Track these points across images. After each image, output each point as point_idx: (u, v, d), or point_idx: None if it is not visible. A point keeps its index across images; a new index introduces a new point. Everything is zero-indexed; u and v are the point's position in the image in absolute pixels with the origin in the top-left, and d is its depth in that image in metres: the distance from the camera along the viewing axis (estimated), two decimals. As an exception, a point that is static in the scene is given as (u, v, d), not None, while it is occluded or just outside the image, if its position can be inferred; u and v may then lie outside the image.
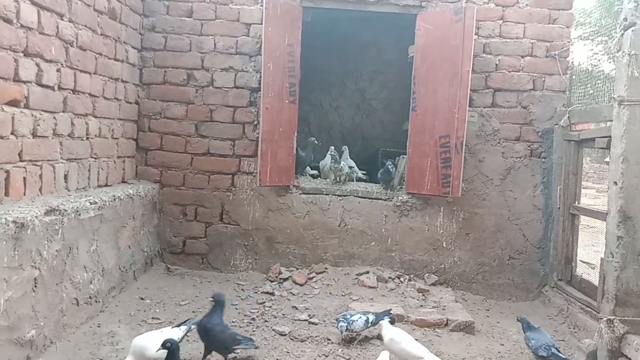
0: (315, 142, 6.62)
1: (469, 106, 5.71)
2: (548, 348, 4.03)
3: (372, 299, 5.28)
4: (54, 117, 4.27)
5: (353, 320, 4.30)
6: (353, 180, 6.35)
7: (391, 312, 4.52)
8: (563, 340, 4.80)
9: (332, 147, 6.24)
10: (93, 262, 4.49)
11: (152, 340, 3.53)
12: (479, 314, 5.40)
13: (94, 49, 4.82)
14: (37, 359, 3.61)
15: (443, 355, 4.31)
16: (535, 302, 5.81)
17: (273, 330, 4.55)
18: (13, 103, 3.76)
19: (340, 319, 4.37)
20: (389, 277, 5.73)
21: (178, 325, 3.90)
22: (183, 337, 3.83)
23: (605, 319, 4.16)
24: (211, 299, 3.96)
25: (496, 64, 5.90)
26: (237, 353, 3.95)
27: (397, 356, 3.83)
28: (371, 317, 4.36)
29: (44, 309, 3.70)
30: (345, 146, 6.76)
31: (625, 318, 4.11)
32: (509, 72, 5.89)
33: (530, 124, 5.89)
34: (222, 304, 3.93)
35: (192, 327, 3.91)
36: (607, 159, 5.23)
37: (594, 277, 5.41)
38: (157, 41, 5.93)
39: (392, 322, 4.29)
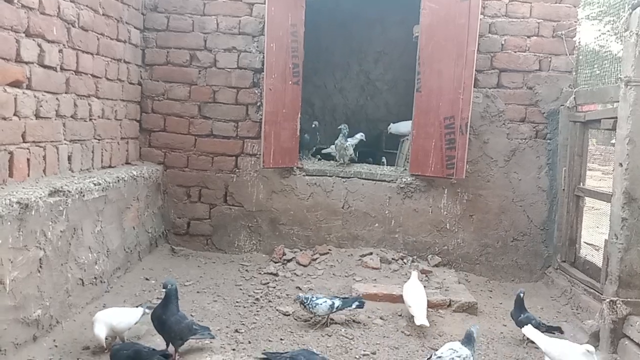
0: (316, 125, 6.55)
1: (474, 87, 5.66)
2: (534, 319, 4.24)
3: (375, 280, 5.31)
4: (57, 98, 4.27)
5: (316, 304, 4.25)
6: (354, 161, 6.31)
7: (362, 299, 4.50)
8: (566, 321, 4.82)
9: (345, 125, 6.20)
10: (98, 243, 4.51)
11: (120, 314, 3.70)
12: (482, 295, 5.42)
13: (95, 30, 4.79)
14: (43, 338, 3.65)
15: (446, 335, 4.34)
16: (539, 283, 5.83)
17: (277, 310, 4.59)
18: (15, 84, 3.76)
19: (299, 300, 4.35)
20: (393, 259, 5.74)
21: (138, 307, 3.93)
22: (139, 319, 3.82)
23: (608, 300, 4.17)
24: (162, 288, 3.71)
25: (502, 44, 5.82)
26: (193, 344, 3.83)
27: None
28: (337, 302, 4.30)
29: (49, 289, 3.74)
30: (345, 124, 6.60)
31: (628, 299, 4.12)
32: (515, 52, 5.81)
33: (535, 105, 5.84)
34: (173, 292, 3.67)
35: (147, 311, 3.84)
36: (613, 141, 5.19)
37: (597, 259, 5.41)
38: (160, 21, 5.88)
39: (361, 306, 4.38)
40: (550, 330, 4.32)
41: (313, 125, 6.47)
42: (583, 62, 5.71)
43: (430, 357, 3.47)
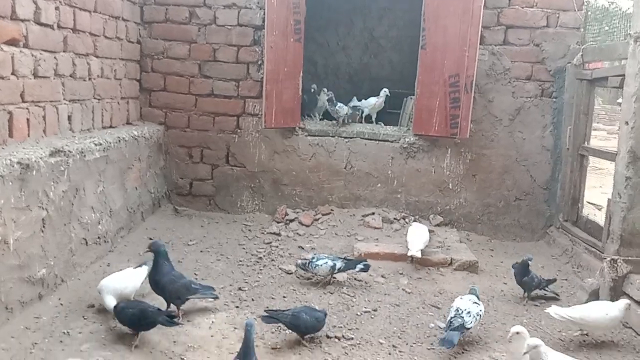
0: (315, 88, 6.43)
1: (480, 44, 5.54)
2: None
3: (377, 239, 5.34)
4: (55, 57, 4.20)
5: (317, 265, 4.27)
6: (356, 121, 6.27)
7: (366, 261, 4.45)
8: (566, 279, 4.86)
9: (325, 89, 6.15)
10: (100, 203, 4.53)
11: (124, 279, 3.64)
12: (483, 254, 5.45)
13: (92, -15, 4.68)
14: (48, 297, 3.70)
15: (446, 293, 4.39)
16: (540, 242, 5.85)
17: (280, 269, 4.63)
18: (12, 42, 3.69)
19: (301, 263, 4.37)
20: (394, 218, 5.76)
21: (140, 266, 3.88)
22: (145, 278, 3.79)
23: (609, 258, 4.19)
24: (147, 250, 3.72)
25: (509, 0, 5.67)
26: (197, 302, 3.84)
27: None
28: (339, 264, 4.31)
29: (53, 248, 3.77)
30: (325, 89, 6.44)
31: (629, 258, 4.15)
32: (522, 7, 5.66)
33: (542, 62, 5.72)
34: (162, 253, 3.66)
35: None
36: (620, 100, 5.11)
37: (599, 218, 5.42)
38: (158, -23, 5.74)
39: (365, 270, 4.37)
40: (549, 283, 4.39)
41: (312, 90, 6.36)
42: (591, 18, 5.58)
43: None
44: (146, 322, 3.28)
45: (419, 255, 4.60)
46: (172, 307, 3.64)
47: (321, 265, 4.29)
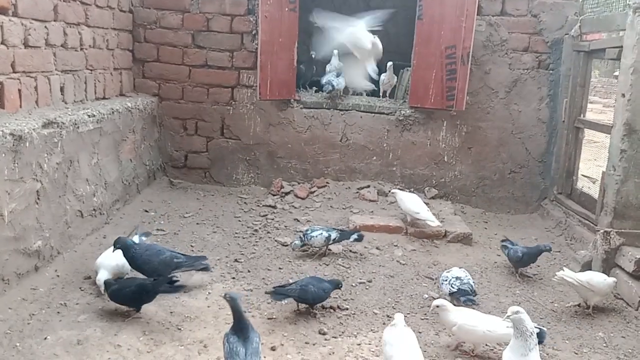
0: (314, 55, 6.39)
1: (477, 14, 5.48)
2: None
3: (372, 212, 5.36)
4: (45, 27, 4.12)
5: (312, 237, 4.30)
6: (356, 94, 6.21)
7: (360, 232, 4.56)
8: (559, 251, 4.91)
9: (336, 51, 6.03)
10: (95, 175, 4.50)
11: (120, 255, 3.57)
12: (477, 226, 5.49)
13: (81, -48, 4.56)
14: (45, 269, 3.71)
15: (440, 264, 4.43)
16: (534, 215, 5.89)
17: (275, 241, 4.66)
18: (1, 11, 3.62)
19: (297, 236, 4.41)
20: (390, 191, 5.77)
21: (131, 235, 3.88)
22: None
23: (602, 231, 4.23)
24: (115, 248, 3.52)
25: (507, -31, 5.59)
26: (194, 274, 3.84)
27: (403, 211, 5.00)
28: (334, 235, 4.35)
29: (48, 220, 3.76)
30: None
31: (622, 230, 4.18)
32: (521, -23, 5.59)
33: (539, 33, 5.67)
34: (127, 247, 3.51)
35: (144, 238, 3.86)
36: (616, 73, 5.08)
37: (593, 191, 5.45)
38: (149, -56, 5.60)
39: (359, 240, 4.45)
40: (531, 251, 4.33)
41: (312, 55, 6.29)
42: (591, -12, 5.50)
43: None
44: (147, 295, 3.28)
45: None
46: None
47: (316, 236, 4.31)
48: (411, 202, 4.94)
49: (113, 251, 3.52)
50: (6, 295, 3.31)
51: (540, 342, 3.28)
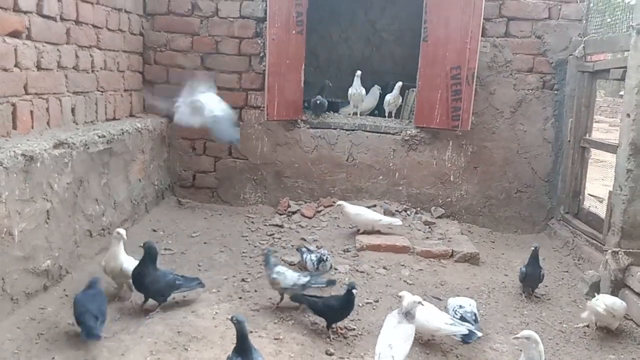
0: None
1: (482, 36, 5.54)
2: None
3: (378, 231, 5.35)
4: (58, 49, 4.21)
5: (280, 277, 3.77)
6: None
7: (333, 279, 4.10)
8: (567, 271, 4.88)
9: (359, 71, 6.21)
10: (104, 195, 4.55)
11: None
12: (484, 245, 5.48)
13: (94, -22, 4.67)
14: (54, 288, 3.74)
15: (447, 284, 4.42)
16: (541, 234, 5.87)
17: (282, 260, 4.66)
18: (15, 34, 3.70)
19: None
20: (396, 210, 5.79)
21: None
22: None
23: (610, 251, 4.21)
24: (142, 246, 3.67)
25: (511, -9, 5.67)
26: (185, 295, 3.83)
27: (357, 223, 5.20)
28: (304, 280, 3.79)
29: (57, 240, 3.80)
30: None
31: (630, 250, 4.16)
32: (524, -1, 5.66)
33: (543, 54, 5.72)
34: (152, 253, 3.62)
35: None
36: (622, 92, 5.11)
37: (601, 211, 5.43)
38: (159, -31, 5.73)
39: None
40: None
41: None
42: (594, 10, 5.55)
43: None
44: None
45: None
46: (151, 302, 3.65)
47: (287, 277, 3.77)
48: (369, 212, 5.21)
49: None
50: (15, 315, 3.33)
51: (466, 342, 3.36)
